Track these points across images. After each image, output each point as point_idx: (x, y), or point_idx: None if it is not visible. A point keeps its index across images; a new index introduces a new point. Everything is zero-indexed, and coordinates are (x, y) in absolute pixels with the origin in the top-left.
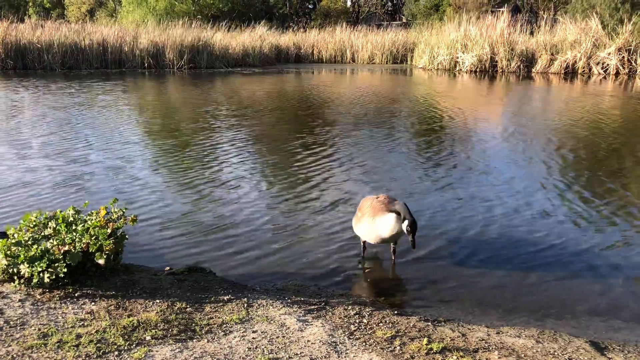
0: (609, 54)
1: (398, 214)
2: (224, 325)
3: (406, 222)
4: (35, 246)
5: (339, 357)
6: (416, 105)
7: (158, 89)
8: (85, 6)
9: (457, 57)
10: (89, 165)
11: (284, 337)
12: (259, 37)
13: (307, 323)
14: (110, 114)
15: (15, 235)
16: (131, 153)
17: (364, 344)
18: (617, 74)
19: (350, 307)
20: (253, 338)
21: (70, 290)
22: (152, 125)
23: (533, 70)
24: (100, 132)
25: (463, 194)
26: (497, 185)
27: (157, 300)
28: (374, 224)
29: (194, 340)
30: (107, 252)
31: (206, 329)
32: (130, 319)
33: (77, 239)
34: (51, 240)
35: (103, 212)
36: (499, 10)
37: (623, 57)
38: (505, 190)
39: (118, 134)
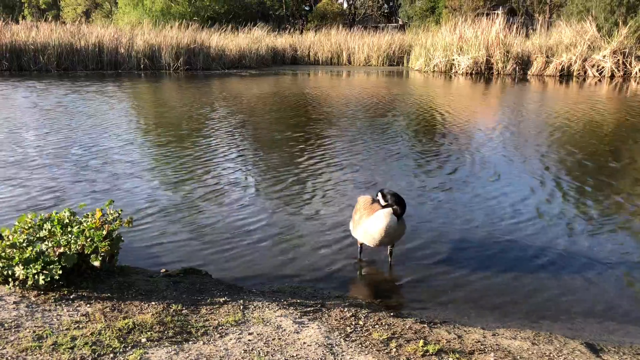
0: (604, 56)
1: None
2: (220, 327)
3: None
4: (30, 248)
5: (335, 359)
6: (412, 108)
7: (154, 90)
8: (81, 7)
9: (453, 60)
10: (85, 167)
11: (279, 339)
12: (255, 38)
13: (303, 325)
14: (106, 115)
15: (10, 237)
16: (127, 155)
17: (360, 345)
18: (612, 76)
19: (346, 309)
20: (249, 340)
21: (66, 292)
22: (147, 127)
23: (528, 72)
24: (96, 133)
25: (459, 196)
26: (493, 187)
27: (153, 302)
28: (368, 226)
29: (190, 342)
30: (102, 254)
31: (202, 331)
32: (126, 321)
33: (72, 241)
34: (46, 242)
35: (99, 214)
36: (495, 13)
37: (618, 59)
38: (501, 193)
39: (113, 136)
